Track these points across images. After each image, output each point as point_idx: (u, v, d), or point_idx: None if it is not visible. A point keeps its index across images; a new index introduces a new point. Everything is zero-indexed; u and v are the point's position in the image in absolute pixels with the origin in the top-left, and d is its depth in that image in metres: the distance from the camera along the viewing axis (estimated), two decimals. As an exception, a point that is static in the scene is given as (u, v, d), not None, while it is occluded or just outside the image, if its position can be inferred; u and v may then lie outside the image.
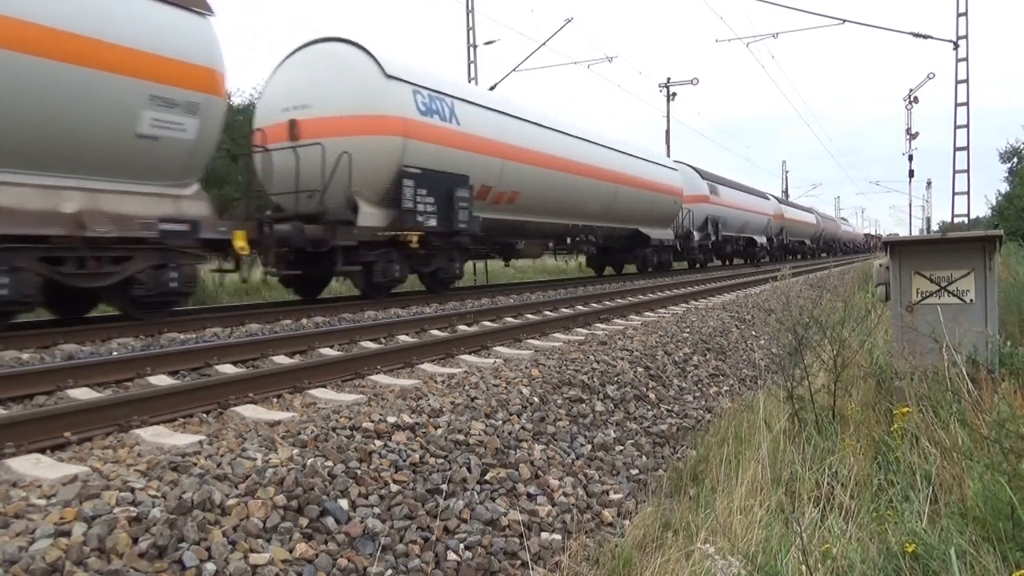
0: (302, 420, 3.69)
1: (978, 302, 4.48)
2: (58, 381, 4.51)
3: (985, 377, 3.75)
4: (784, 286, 8.87)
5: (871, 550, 2.44)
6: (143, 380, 4.87)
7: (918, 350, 4.20)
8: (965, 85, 20.41)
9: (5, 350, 5.73)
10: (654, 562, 2.94)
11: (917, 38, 20.91)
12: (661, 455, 4.76)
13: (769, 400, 4.83)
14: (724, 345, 8.09)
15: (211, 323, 7.63)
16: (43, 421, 3.43)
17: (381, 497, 3.04)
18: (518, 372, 5.06)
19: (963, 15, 20.45)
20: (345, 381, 4.95)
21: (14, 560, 2.13)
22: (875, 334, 5.53)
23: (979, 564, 2.20)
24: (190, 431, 3.63)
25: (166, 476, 2.73)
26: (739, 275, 19.93)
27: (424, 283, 12.61)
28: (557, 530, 3.35)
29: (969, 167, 20.70)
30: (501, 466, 3.65)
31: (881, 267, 4.90)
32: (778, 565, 2.32)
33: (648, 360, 6.32)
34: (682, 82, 32.82)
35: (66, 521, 2.34)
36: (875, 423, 4.06)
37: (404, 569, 2.76)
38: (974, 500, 2.54)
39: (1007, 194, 27.47)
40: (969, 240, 4.67)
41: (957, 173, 20.89)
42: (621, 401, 5.24)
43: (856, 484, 3.23)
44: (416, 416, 3.79)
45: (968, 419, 3.20)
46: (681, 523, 3.37)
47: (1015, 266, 9.73)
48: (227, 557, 2.41)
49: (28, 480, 2.80)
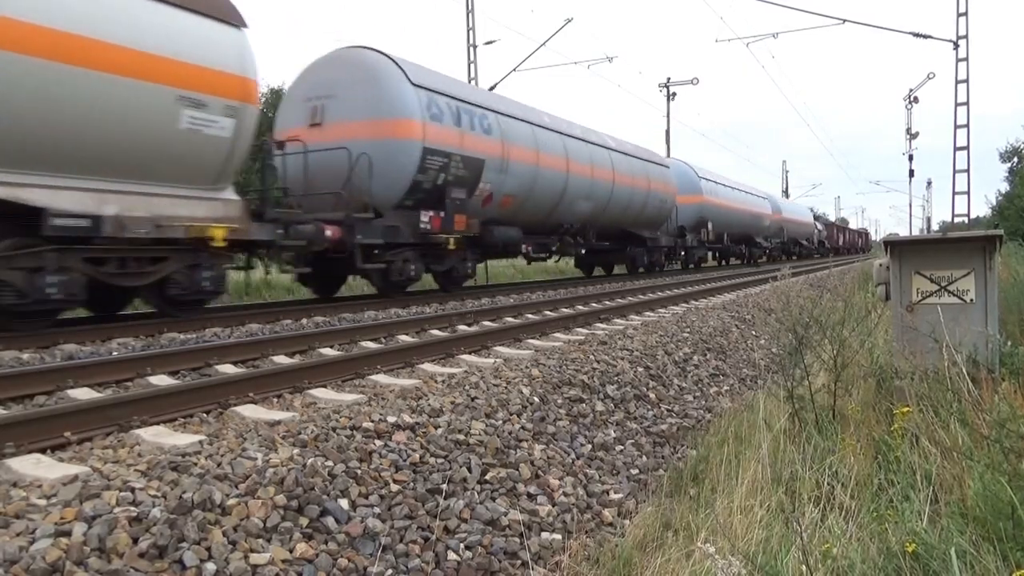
0: (302, 420, 3.70)
1: (978, 302, 4.48)
2: (58, 381, 4.50)
3: (985, 377, 3.75)
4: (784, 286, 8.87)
5: (871, 550, 2.44)
6: (143, 380, 4.87)
7: (918, 350, 4.20)
8: (965, 85, 20.43)
9: (5, 350, 5.72)
10: (654, 562, 2.94)
11: (917, 38, 20.93)
12: (661, 455, 4.76)
13: (769, 400, 4.83)
14: (724, 345, 8.09)
15: (211, 323, 7.63)
16: (43, 421, 3.43)
17: (381, 497, 3.04)
18: (518, 372, 5.06)
19: (963, 15, 20.47)
20: (345, 381, 4.95)
21: (14, 560, 2.13)
22: (875, 334, 5.53)
23: (979, 564, 2.19)
24: (190, 431, 3.63)
25: (166, 476, 2.73)
26: (739, 275, 19.92)
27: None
28: (557, 530, 3.35)
29: (969, 167, 20.73)
30: (501, 466, 3.65)
31: (881, 267, 4.90)
32: (778, 565, 2.32)
33: (648, 360, 6.32)
34: (682, 82, 32.87)
35: (66, 521, 2.34)
36: (875, 423, 4.06)
37: (404, 569, 2.76)
38: (974, 500, 2.54)
39: (1007, 194, 27.48)
40: (969, 240, 4.67)
41: (957, 173, 20.90)
42: (621, 401, 5.24)
43: (856, 484, 3.23)
44: (416, 416, 3.79)
45: (968, 419, 3.20)
46: (681, 523, 3.37)
47: (1015, 266, 9.73)
48: (227, 557, 2.41)
49: (28, 480, 2.80)
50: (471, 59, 23.33)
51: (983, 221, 30.62)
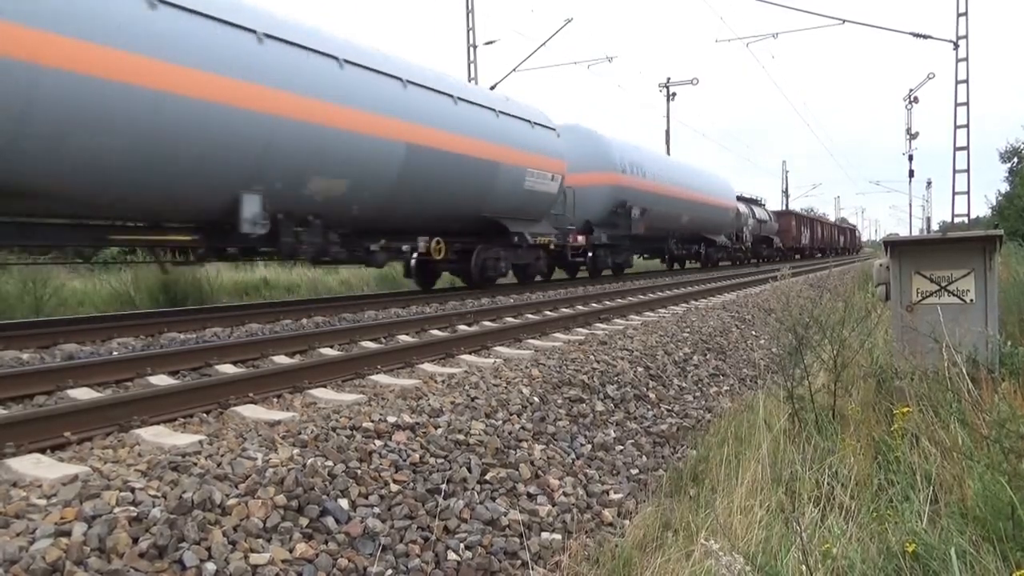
0: (302, 420, 3.69)
1: (978, 302, 4.48)
2: (58, 381, 4.51)
3: (985, 377, 3.76)
4: (784, 286, 8.88)
5: (871, 550, 2.44)
6: (143, 380, 4.87)
7: (918, 350, 4.20)
8: (965, 85, 20.43)
9: (5, 350, 5.73)
10: (654, 562, 2.94)
11: (917, 38, 20.92)
12: (661, 455, 4.76)
13: (769, 400, 4.82)
14: (724, 345, 8.09)
15: (211, 323, 7.64)
16: (43, 421, 3.43)
17: (381, 497, 3.04)
18: (518, 372, 5.06)
19: (963, 15, 20.47)
20: (345, 381, 4.95)
21: (14, 560, 2.13)
22: (875, 334, 5.53)
23: (979, 564, 2.20)
24: (190, 431, 3.63)
25: (166, 476, 2.73)
26: (739, 275, 19.95)
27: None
28: (557, 530, 3.35)
29: (969, 167, 20.72)
30: (501, 466, 3.65)
31: (881, 267, 4.90)
32: (778, 565, 2.32)
33: (648, 360, 6.32)
34: (682, 82, 32.68)
35: (66, 521, 2.34)
36: (875, 423, 4.06)
37: (404, 569, 2.76)
38: (974, 500, 2.54)
39: (1007, 194, 27.43)
40: (969, 240, 4.67)
41: (957, 173, 20.90)
42: (621, 401, 5.24)
43: (856, 484, 3.23)
44: (416, 416, 3.79)
45: (968, 419, 3.20)
46: (681, 523, 3.37)
47: (1015, 266, 9.71)
48: (227, 557, 2.41)
49: (28, 480, 2.80)
50: (471, 59, 23.33)
51: (983, 221, 30.58)
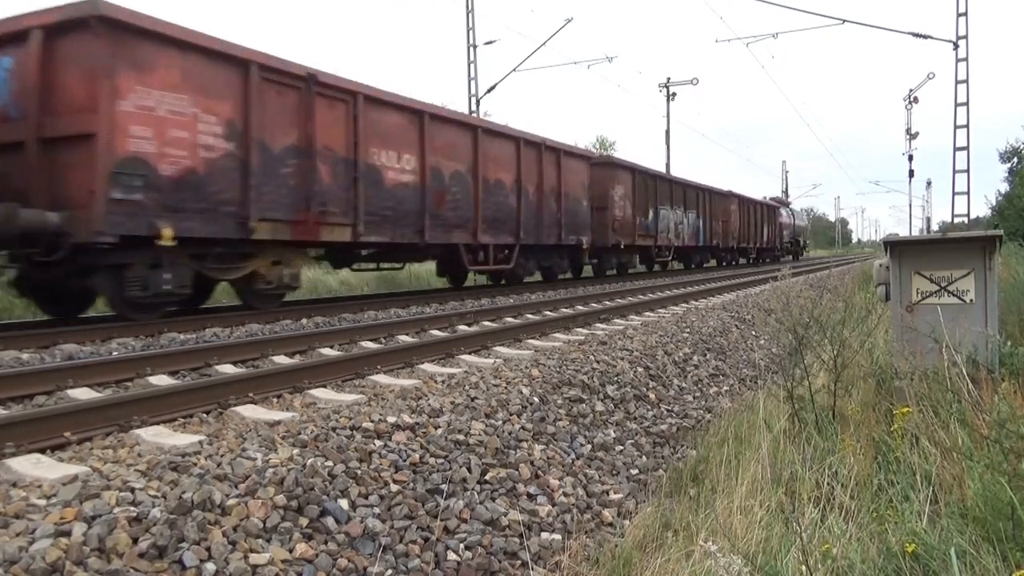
0: (302, 420, 3.70)
1: (978, 302, 4.48)
2: (58, 381, 4.50)
3: (985, 377, 3.75)
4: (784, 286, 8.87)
5: (871, 550, 2.44)
6: (143, 380, 4.87)
7: (918, 350, 4.20)
8: (965, 85, 20.41)
9: (5, 350, 5.73)
10: (654, 562, 2.94)
11: (917, 38, 20.91)
12: (661, 455, 4.76)
13: (769, 400, 4.82)
14: (724, 345, 8.09)
15: (211, 323, 7.63)
16: (43, 421, 3.43)
17: (381, 497, 3.04)
18: (518, 372, 5.06)
19: (963, 15, 20.46)
20: (345, 381, 4.95)
21: (14, 560, 2.13)
22: (875, 334, 5.52)
23: (979, 564, 2.19)
24: (190, 431, 3.63)
25: (166, 476, 2.73)
26: (739, 275, 19.94)
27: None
28: (557, 530, 3.35)
29: (969, 167, 20.68)
30: (501, 466, 3.65)
31: (881, 267, 4.90)
32: (778, 565, 2.32)
33: (648, 360, 6.32)
34: (682, 82, 32.66)
35: (66, 521, 2.34)
36: (875, 423, 4.05)
37: (404, 569, 2.76)
38: (974, 500, 2.54)
39: (1007, 194, 27.41)
40: (969, 240, 4.67)
41: (957, 173, 20.87)
42: (621, 401, 5.24)
43: (856, 484, 3.23)
44: (416, 416, 3.79)
45: (968, 419, 3.19)
46: (681, 523, 3.37)
47: (1015, 266, 9.71)
48: (227, 557, 2.41)
49: (28, 480, 2.80)
50: (471, 59, 23.34)
51: (983, 221, 30.57)
